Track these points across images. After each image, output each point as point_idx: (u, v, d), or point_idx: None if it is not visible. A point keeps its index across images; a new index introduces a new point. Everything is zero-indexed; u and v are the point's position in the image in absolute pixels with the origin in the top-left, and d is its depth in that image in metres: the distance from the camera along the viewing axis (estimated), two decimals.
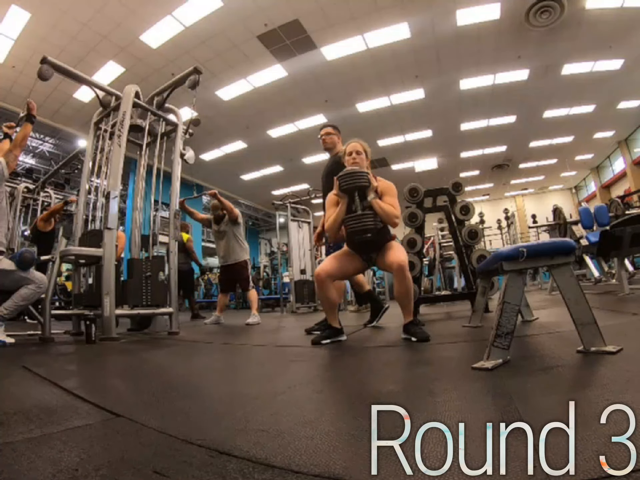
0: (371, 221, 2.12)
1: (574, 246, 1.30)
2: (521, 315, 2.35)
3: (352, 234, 2.16)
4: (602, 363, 1.13)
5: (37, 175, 9.98)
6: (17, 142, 2.59)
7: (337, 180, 2.19)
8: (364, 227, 2.11)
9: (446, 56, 7.67)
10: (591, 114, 10.44)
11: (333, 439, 0.73)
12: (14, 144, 2.59)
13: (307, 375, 1.46)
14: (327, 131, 3.04)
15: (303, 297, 6.52)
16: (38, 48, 6.20)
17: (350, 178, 2.13)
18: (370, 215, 2.13)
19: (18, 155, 2.62)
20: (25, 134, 2.66)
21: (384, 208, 2.15)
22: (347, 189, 2.16)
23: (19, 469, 0.64)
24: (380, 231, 2.20)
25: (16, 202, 5.42)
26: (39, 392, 1.22)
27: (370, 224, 2.11)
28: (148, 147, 3.94)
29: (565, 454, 0.58)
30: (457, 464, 0.59)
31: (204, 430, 0.82)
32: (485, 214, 10.95)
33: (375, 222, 2.13)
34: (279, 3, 6.14)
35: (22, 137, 2.63)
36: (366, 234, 2.12)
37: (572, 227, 4.95)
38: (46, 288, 2.68)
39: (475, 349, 1.62)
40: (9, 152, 2.57)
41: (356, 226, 2.12)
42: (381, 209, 2.14)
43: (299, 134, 10.36)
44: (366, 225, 2.11)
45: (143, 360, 2.13)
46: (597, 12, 6.56)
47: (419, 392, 1.08)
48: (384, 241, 2.23)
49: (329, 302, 2.22)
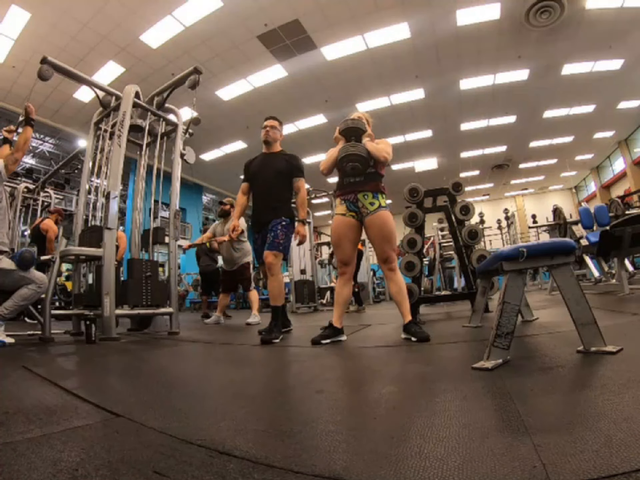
0: (363, 149, 2.21)
1: (574, 246, 1.30)
2: (521, 315, 2.36)
3: (343, 159, 2.23)
4: (602, 363, 1.13)
5: (37, 175, 9.99)
6: (19, 146, 2.59)
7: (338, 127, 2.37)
8: (354, 152, 2.19)
9: (446, 56, 7.67)
10: (591, 114, 10.44)
11: (333, 439, 0.73)
12: (16, 148, 2.59)
13: (307, 375, 1.46)
14: (272, 124, 2.89)
15: (303, 297, 6.52)
16: (38, 48, 6.21)
17: (348, 122, 2.32)
18: (362, 145, 2.23)
19: (20, 158, 2.61)
20: (26, 137, 2.66)
21: (375, 145, 2.25)
22: (344, 129, 2.32)
23: (19, 469, 0.64)
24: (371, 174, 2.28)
25: (16, 202, 5.43)
26: (39, 392, 1.22)
27: (362, 150, 2.20)
28: (148, 147, 3.95)
29: (566, 454, 0.58)
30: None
31: (204, 430, 0.82)
32: (485, 214, 10.97)
33: (366, 154, 2.21)
34: (279, 3, 6.14)
35: (24, 141, 2.63)
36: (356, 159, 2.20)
37: (572, 227, 4.96)
38: (46, 288, 2.68)
39: (475, 349, 1.62)
40: (10, 155, 2.58)
41: (347, 150, 2.22)
42: (373, 147, 2.23)
43: (299, 134, 10.36)
44: (358, 149, 2.20)
45: (143, 360, 2.13)
46: (597, 12, 6.56)
47: (419, 392, 1.08)
48: (372, 183, 2.27)
49: (344, 298, 2.32)
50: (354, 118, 2.37)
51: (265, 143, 2.89)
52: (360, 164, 2.21)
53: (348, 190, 2.28)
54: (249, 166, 2.93)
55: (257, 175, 2.84)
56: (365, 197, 2.24)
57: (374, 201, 2.23)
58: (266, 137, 2.86)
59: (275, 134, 2.89)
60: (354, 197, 2.25)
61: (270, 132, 2.86)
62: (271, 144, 2.88)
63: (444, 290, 6.72)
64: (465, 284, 3.65)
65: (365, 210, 2.23)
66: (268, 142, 2.87)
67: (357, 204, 2.25)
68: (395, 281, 2.23)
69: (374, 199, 2.23)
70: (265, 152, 2.91)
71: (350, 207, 2.27)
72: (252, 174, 2.87)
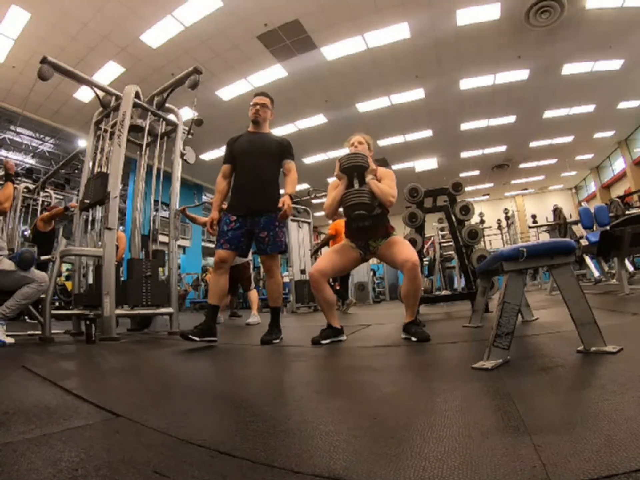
0: (367, 197, 2.12)
1: (574, 246, 1.30)
2: (521, 315, 2.36)
3: (348, 208, 2.17)
4: (602, 363, 1.13)
5: (37, 175, 9.99)
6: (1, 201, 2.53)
7: (338, 161, 2.26)
8: (359, 202, 2.11)
9: (446, 56, 7.67)
10: (591, 114, 10.44)
11: (333, 439, 0.73)
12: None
13: (307, 375, 1.46)
14: (263, 101, 2.56)
15: (303, 297, 6.53)
16: (38, 48, 6.21)
17: (350, 159, 2.21)
18: (366, 191, 2.14)
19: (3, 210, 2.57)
20: (7, 194, 2.59)
21: (379, 186, 2.17)
22: (346, 168, 2.21)
23: (19, 469, 0.64)
24: (378, 217, 2.22)
25: (16, 202, 5.43)
26: (39, 392, 1.22)
27: (366, 199, 2.11)
28: (148, 147, 3.95)
29: (566, 454, 0.58)
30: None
31: (204, 430, 0.82)
32: (485, 214, 10.96)
33: (371, 200, 2.13)
34: (279, 3, 6.14)
35: (6, 198, 2.56)
36: (361, 208, 2.12)
37: (572, 227, 4.96)
38: (47, 286, 2.68)
39: (475, 349, 1.62)
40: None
41: (352, 200, 2.13)
42: (377, 188, 2.16)
43: (299, 134, 10.36)
44: (362, 199, 2.11)
45: (143, 360, 2.13)
46: (597, 12, 6.56)
47: (419, 392, 1.08)
48: (381, 227, 2.24)
49: (326, 302, 2.24)
50: (355, 153, 2.24)
51: (254, 123, 2.56)
52: (366, 211, 2.15)
53: (357, 236, 2.27)
54: (233, 145, 2.55)
55: (245, 155, 2.49)
56: (375, 242, 2.24)
57: (384, 241, 2.24)
58: (256, 117, 2.53)
59: (266, 112, 2.56)
60: (364, 243, 2.26)
61: (261, 112, 2.53)
62: (260, 123, 2.55)
63: (444, 290, 6.72)
64: (465, 284, 3.65)
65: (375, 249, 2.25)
66: (257, 122, 2.54)
67: (367, 248, 2.26)
68: (417, 281, 2.10)
69: (383, 240, 2.24)
70: (253, 130, 2.58)
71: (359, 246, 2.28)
72: (239, 153, 2.51)
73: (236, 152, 2.52)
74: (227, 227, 2.43)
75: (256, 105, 2.54)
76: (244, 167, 2.49)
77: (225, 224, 2.44)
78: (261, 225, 2.41)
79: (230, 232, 2.41)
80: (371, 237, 2.24)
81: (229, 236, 2.41)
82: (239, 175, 2.52)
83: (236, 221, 2.43)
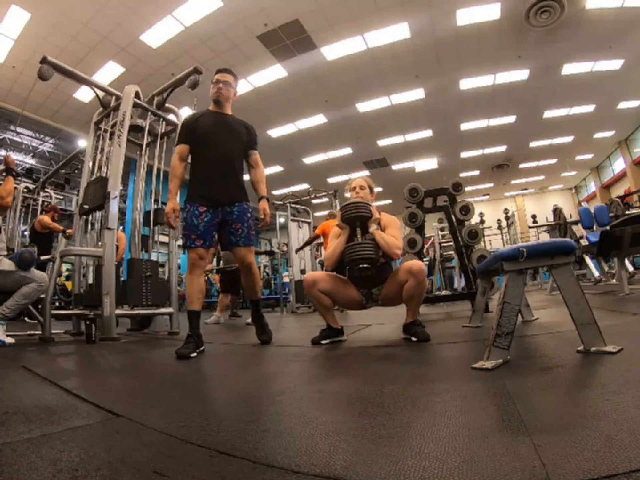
0: (371, 250, 2.05)
1: (574, 246, 1.30)
2: (521, 315, 2.36)
3: (351, 262, 2.09)
4: (602, 363, 1.13)
5: (37, 175, 9.98)
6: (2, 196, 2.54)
7: (340, 210, 2.19)
8: (363, 256, 2.04)
9: (446, 56, 7.67)
10: (591, 114, 10.44)
11: (333, 439, 0.73)
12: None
13: (307, 375, 1.46)
14: (227, 79, 2.29)
15: (303, 297, 6.52)
16: (38, 48, 6.21)
17: (352, 208, 2.12)
18: (370, 244, 2.07)
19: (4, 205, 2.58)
20: (9, 189, 2.60)
21: (384, 238, 2.09)
22: (348, 218, 2.14)
23: (19, 469, 0.64)
24: (382, 266, 2.16)
25: (16, 202, 5.43)
26: (39, 392, 1.22)
27: (370, 252, 2.04)
28: (148, 147, 3.95)
29: (566, 454, 0.58)
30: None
31: (204, 430, 0.82)
32: (485, 214, 10.95)
33: (375, 253, 2.06)
34: (279, 3, 6.14)
35: (7, 193, 2.58)
36: (365, 262, 2.05)
37: (572, 227, 4.95)
38: (47, 286, 2.69)
39: (475, 349, 1.62)
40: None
41: (355, 254, 2.05)
42: (382, 239, 2.09)
43: (299, 134, 10.37)
44: (366, 253, 2.04)
45: (143, 360, 2.13)
46: (597, 12, 6.56)
47: (419, 392, 1.08)
48: (385, 275, 2.18)
49: (322, 304, 2.19)
50: (358, 202, 2.15)
51: (215, 102, 2.29)
52: (370, 265, 2.09)
53: (361, 284, 2.21)
54: (195, 124, 2.23)
55: (211, 137, 2.21)
56: (379, 290, 2.20)
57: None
58: (217, 96, 2.26)
59: (229, 91, 2.30)
60: (367, 292, 2.22)
61: (224, 90, 2.27)
62: (222, 103, 2.29)
63: (444, 290, 6.72)
64: (465, 284, 3.65)
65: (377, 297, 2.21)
66: (219, 101, 2.27)
67: (371, 296, 2.22)
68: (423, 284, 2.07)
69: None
70: (216, 110, 2.31)
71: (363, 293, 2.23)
72: (203, 134, 2.21)
73: (200, 133, 2.21)
74: (197, 220, 2.13)
75: (218, 82, 2.26)
76: (210, 150, 2.21)
77: (193, 216, 2.14)
78: (235, 216, 2.20)
79: (202, 226, 2.13)
80: (374, 286, 2.18)
81: (200, 230, 2.13)
82: (203, 159, 2.23)
83: (206, 212, 2.15)
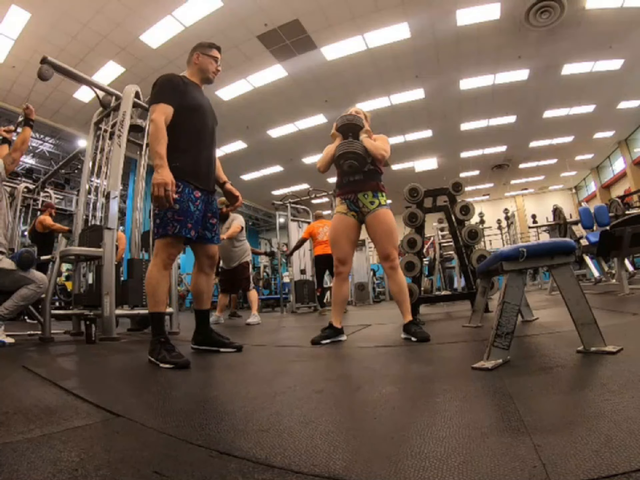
0: (359, 146, 2.19)
1: (574, 246, 1.30)
2: (521, 315, 2.35)
3: (340, 157, 2.21)
4: (602, 363, 1.13)
5: (37, 175, 9.98)
6: (17, 146, 2.60)
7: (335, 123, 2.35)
8: (351, 150, 2.18)
9: (446, 56, 7.67)
10: (591, 114, 10.44)
11: (333, 439, 0.73)
12: (14, 148, 2.61)
13: (307, 375, 1.46)
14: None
15: (303, 297, 6.52)
16: (38, 48, 6.21)
17: (345, 118, 2.32)
18: (358, 142, 2.23)
19: (17, 158, 2.63)
20: (24, 138, 2.67)
21: (372, 142, 2.24)
22: (341, 126, 2.32)
23: (19, 469, 0.64)
24: (370, 172, 2.27)
25: (16, 202, 5.43)
26: (39, 392, 1.22)
27: (357, 147, 2.18)
28: (148, 147, 3.94)
29: (566, 454, 0.58)
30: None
31: (204, 430, 0.82)
32: (485, 214, 10.95)
33: (363, 151, 2.19)
34: (279, 3, 6.14)
35: (22, 141, 2.64)
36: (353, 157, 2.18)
37: (572, 227, 4.95)
38: (46, 288, 2.68)
39: (475, 349, 1.62)
40: (8, 155, 2.59)
41: (343, 148, 2.20)
42: (370, 143, 2.22)
43: (299, 134, 10.36)
44: (354, 147, 2.18)
45: (143, 360, 2.13)
46: (597, 12, 6.56)
47: (419, 392, 1.08)
48: (371, 182, 2.26)
49: (343, 297, 2.32)
50: (351, 113, 2.36)
51: (206, 80, 2.09)
52: (357, 162, 2.21)
53: (348, 190, 2.29)
54: (185, 89, 1.91)
55: (201, 113, 1.98)
56: (365, 197, 2.24)
57: (374, 200, 2.24)
58: (214, 77, 2.10)
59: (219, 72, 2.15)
60: (354, 197, 2.26)
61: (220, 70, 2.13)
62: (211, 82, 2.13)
63: (444, 290, 6.72)
64: (465, 284, 3.65)
65: (366, 210, 2.25)
66: (211, 81, 2.11)
67: (357, 204, 2.26)
68: (396, 280, 2.21)
69: (374, 198, 2.24)
70: (199, 86, 2.08)
71: (350, 206, 2.27)
72: (195, 106, 1.95)
73: (191, 101, 1.93)
74: (193, 206, 1.83)
75: (218, 61, 2.09)
76: (202, 128, 1.97)
77: (190, 200, 1.82)
78: (214, 209, 2.02)
79: (196, 214, 1.85)
80: (361, 190, 2.25)
81: (194, 219, 1.84)
82: (195, 132, 1.93)
83: (200, 199, 1.89)
